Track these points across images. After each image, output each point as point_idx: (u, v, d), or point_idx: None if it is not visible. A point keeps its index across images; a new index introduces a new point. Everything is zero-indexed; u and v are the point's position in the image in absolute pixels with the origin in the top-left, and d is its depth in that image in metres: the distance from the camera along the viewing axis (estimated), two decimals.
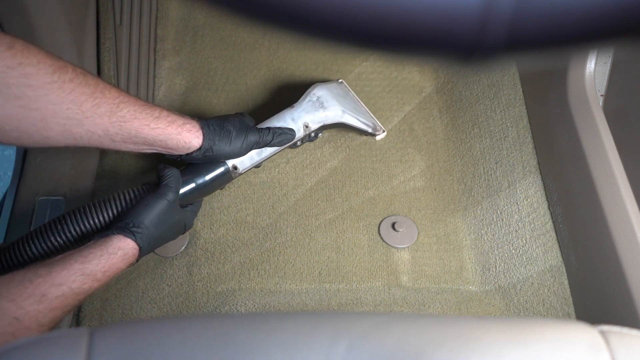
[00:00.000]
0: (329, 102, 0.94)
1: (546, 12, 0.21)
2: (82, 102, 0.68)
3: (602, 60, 0.91)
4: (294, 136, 0.90)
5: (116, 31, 1.04)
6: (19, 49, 0.62)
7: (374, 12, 0.22)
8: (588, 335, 0.42)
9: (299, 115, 0.91)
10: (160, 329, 0.41)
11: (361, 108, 0.99)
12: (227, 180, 0.87)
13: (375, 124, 0.98)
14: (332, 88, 0.97)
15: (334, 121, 0.94)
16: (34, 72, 0.63)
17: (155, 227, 0.76)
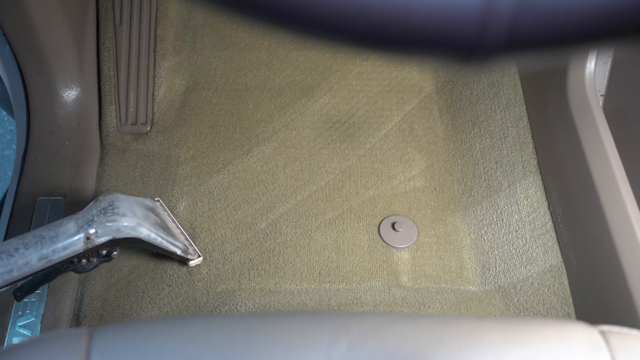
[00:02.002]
0: (126, 210, 0.75)
1: (546, 12, 0.21)
2: None
3: (602, 60, 0.91)
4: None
5: (116, 31, 1.04)
6: None
7: (374, 12, 0.22)
8: (588, 335, 0.42)
9: (80, 224, 0.71)
10: (160, 329, 0.41)
11: (174, 229, 0.86)
12: None
13: (189, 247, 0.86)
14: (139, 199, 0.82)
15: (129, 234, 0.74)
16: None
17: None
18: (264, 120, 1.02)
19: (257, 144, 1.00)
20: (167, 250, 0.82)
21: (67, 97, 1.00)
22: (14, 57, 0.95)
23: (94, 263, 0.75)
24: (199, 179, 0.96)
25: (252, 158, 0.99)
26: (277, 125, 1.02)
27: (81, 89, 1.00)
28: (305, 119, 1.03)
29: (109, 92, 1.02)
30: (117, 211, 0.73)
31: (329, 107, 1.05)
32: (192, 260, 0.86)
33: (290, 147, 1.00)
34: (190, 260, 0.86)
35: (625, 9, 0.21)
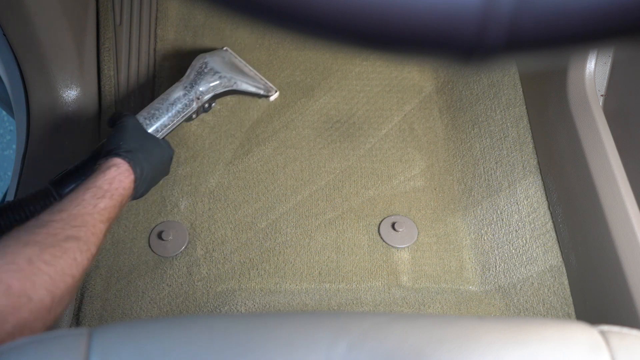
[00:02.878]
0: (217, 70, 0.93)
1: (546, 12, 0.21)
2: None
3: (602, 60, 0.91)
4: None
5: (116, 31, 1.04)
6: None
7: (374, 12, 0.22)
8: (588, 335, 0.42)
9: (189, 89, 0.90)
10: (160, 329, 0.41)
11: (250, 72, 0.98)
12: None
13: (266, 85, 0.98)
14: (219, 56, 0.96)
15: (225, 89, 0.93)
16: None
17: (135, 140, 0.76)
18: (264, 120, 1.02)
19: (257, 144, 1.00)
20: (252, 93, 0.97)
21: (67, 97, 1.00)
22: (14, 57, 0.95)
23: (200, 113, 0.93)
24: (199, 179, 0.96)
25: (252, 158, 0.99)
26: (277, 125, 1.02)
27: (81, 89, 1.00)
28: (305, 119, 1.03)
29: (109, 92, 1.02)
30: (212, 71, 0.92)
31: (329, 107, 1.04)
32: (272, 95, 0.98)
33: (290, 147, 1.00)
34: (271, 96, 0.98)
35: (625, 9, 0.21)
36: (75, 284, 0.56)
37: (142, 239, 0.91)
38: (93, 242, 0.60)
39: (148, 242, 0.90)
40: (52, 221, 0.59)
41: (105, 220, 0.65)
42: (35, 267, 0.51)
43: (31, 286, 0.49)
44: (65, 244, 0.56)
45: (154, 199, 0.94)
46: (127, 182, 0.72)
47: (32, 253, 0.52)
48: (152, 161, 0.78)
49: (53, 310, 0.51)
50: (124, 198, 0.71)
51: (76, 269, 0.55)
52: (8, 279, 0.48)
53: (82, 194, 0.65)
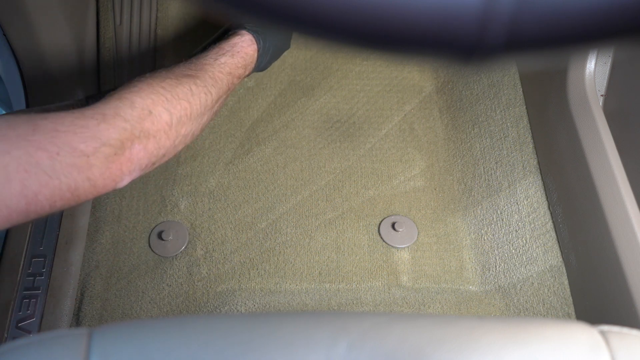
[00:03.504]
0: None
1: (546, 12, 0.21)
2: None
3: (602, 60, 0.91)
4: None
5: (116, 31, 1.04)
6: None
7: (374, 13, 0.22)
8: (588, 335, 0.42)
9: None
10: (160, 329, 0.41)
11: None
12: None
13: None
14: None
15: None
16: None
17: None
18: (264, 120, 1.02)
19: (257, 144, 1.00)
20: None
21: (67, 97, 1.00)
22: (14, 57, 0.95)
23: None
24: (199, 179, 0.96)
25: (252, 158, 0.99)
26: (277, 125, 1.02)
27: (81, 89, 1.00)
28: (306, 118, 1.03)
29: None
30: None
31: (329, 106, 1.04)
32: None
33: (291, 146, 1.00)
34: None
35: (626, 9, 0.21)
36: (194, 112, 0.64)
37: (142, 239, 0.91)
38: (211, 84, 0.68)
39: (148, 242, 0.90)
40: (174, 67, 0.68)
41: (225, 73, 0.72)
42: (154, 90, 0.61)
43: (151, 102, 0.59)
44: (182, 78, 0.65)
45: (154, 199, 0.94)
46: (250, 50, 0.78)
47: (152, 81, 0.63)
48: (275, 35, 0.83)
49: (174, 128, 0.61)
50: (247, 62, 0.77)
51: (192, 97, 0.64)
52: (132, 97, 0.59)
53: (205, 53, 0.73)
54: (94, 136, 0.52)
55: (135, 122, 0.56)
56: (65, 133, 0.50)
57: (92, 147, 0.51)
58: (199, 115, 0.65)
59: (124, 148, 0.54)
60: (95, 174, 0.52)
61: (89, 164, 0.51)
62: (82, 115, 0.53)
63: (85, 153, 0.51)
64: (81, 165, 0.51)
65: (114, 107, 0.56)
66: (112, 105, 0.56)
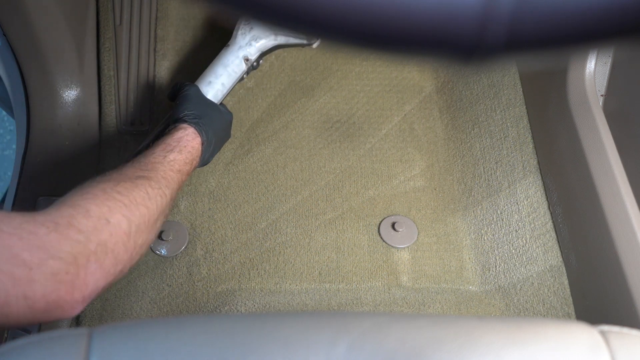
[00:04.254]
0: (259, 31, 0.95)
1: (546, 12, 0.21)
2: None
3: (602, 60, 0.91)
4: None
5: (116, 31, 1.04)
6: None
7: (374, 13, 0.22)
8: (588, 335, 0.42)
9: (238, 52, 0.93)
10: (160, 329, 0.41)
11: None
12: None
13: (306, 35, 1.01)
14: None
15: (270, 46, 0.96)
16: None
17: (198, 108, 0.80)
18: (263, 121, 1.02)
19: (257, 144, 1.00)
20: (297, 44, 1.00)
21: (67, 97, 1.00)
22: (14, 57, 0.95)
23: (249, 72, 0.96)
24: (199, 179, 0.96)
25: (252, 158, 0.99)
26: (277, 126, 1.02)
27: (81, 89, 1.00)
28: (305, 119, 1.03)
29: (109, 92, 1.02)
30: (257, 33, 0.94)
31: (329, 107, 1.04)
32: (314, 43, 1.00)
33: (290, 147, 1.00)
34: (314, 44, 1.00)
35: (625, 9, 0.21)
36: (151, 217, 0.59)
37: None
38: (165, 185, 0.64)
39: None
40: (123, 167, 0.64)
41: (175, 170, 0.69)
42: (110, 195, 0.55)
43: (107, 210, 0.53)
44: (137, 180, 0.61)
45: None
46: (195, 143, 0.76)
47: (106, 185, 0.57)
48: (215, 126, 0.83)
49: (132, 238, 0.55)
50: (193, 157, 0.75)
51: (149, 201, 0.59)
52: (86, 204, 0.52)
53: (151, 150, 0.71)
54: (42, 246, 0.44)
55: (91, 234, 0.49)
56: (8, 235, 0.43)
57: (38, 257, 0.43)
58: (155, 221, 0.60)
59: (77, 266, 0.46)
60: (37, 292, 0.43)
61: (29, 278, 0.42)
62: (32, 220, 0.46)
63: (28, 264, 0.43)
64: (19, 278, 0.42)
65: (67, 215, 0.49)
66: (65, 213, 0.49)
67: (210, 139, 0.80)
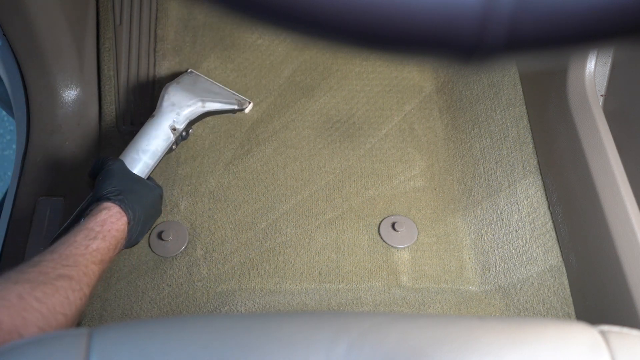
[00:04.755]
0: (185, 98, 0.92)
1: (546, 12, 0.21)
2: None
3: (602, 60, 0.91)
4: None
5: (116, 31, 1.04)
6: None
7: (374, 13, 0.22)
8: (588, 335, 0.42)
9: (163, 123, 0.89)
10: (160, 329, 0.41)
11: (219, 90, 0.98)
12: None
13: (238, 99, 0.98)
14: (184, 82, 0.96)
15: (198, 113, 0.93)
16: None
17: (123, 184, 0.75)
18: (264, 120, 1.02)
19: (257, 144, 1.00)
20: (226, 110, 0.97)
21: (67, 97, 1.00)
22: (14, 57, 0.95)
23: (178, 143, 0.92)
24: (199, 179, 0.96)
25: (252, 158, 0.99)
26: (277, 125, 1.02)
27: (81, 89, 1.00)
28: (305, 119, 1.03)
29: (109, 92, 1.02)
30: (183, 102, 0.91)
31: (329, 107, 1.04)
32: (246, 107, 0.99)
33: (290, 147, 1.00)
34: (245, 109, 0.99)
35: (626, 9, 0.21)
36: (68, 323, 0.55)
37: (142, 239, 0.91)
38: (85, 283, 0.60)
39: (148, 242, 0.90)
40: (43, 261, 0.58)
41: (97, 261, 0.64)
42: (27, 304, 0.50)
43: (22, 323, 0.48)
44: (57, 282, 0.55)
45: None
46: (120, 225, 0.71)
47: (23, 290, 0.51)
48: (143, 203, 0.78)
49: None
50: (118, 241, 0.70)
51: (68, 307, 0.55)
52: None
53: (73, 236, 0.65)
54: None
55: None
56: None
57: None
58: (72, 324, 0.56)
59: None
60: None
61: None
62: None
63: None
64: None
65: None
66: None
67: (139, 216, 0.75)
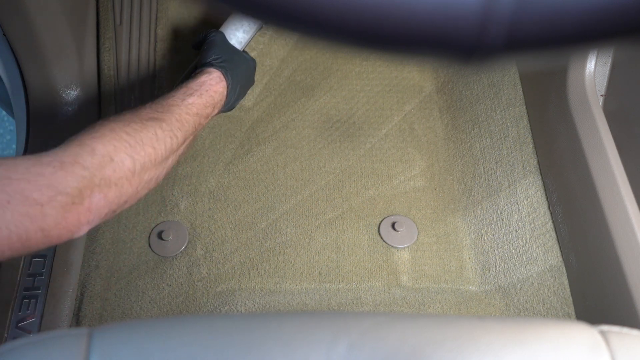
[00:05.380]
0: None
1: (546, 12, 0.21)
2: None
3: (602, 60, 0.91)
4: None
5: (116, 31, 1.04)
6: None
7: (374, 13, 0.22)
8: (588, 335, 0.42)
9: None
10: (160, 329, 0.41)
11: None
12: None
13: None
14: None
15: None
16: None
17: (225, 53, 0.82)
18: (264, 120, 1.02)
19: (257, 144, 1.00)
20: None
21: (67, 97, 1.00)
22: (14, 57, 0.95)
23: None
24: (199, 179, 0.96)
25: (252, 158, 0.99)
26: (277, 125, 1.02)
27: (81, 89, 1.00)
28: (306, 118, 1.03)
29: (109, 92, 1.02)
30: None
31: (329, 106, 1.04)
32: None
33: (291, 146, 1.00)
34: None
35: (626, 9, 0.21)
36: (158, 157, 0.62)
37: (142, 239, 0.91)
38: (177, 127, 0.67)
39: (148, 242, 0.90)
40: (141, 108, 0.67)
41: (192, 113, 0.71)
42: (117, 135, 0.59)
43: (113, 149, 0.57)
44: (148, 122, 0.63)
45: (154, 199, 0.94)
46: (219, 87, 0.78)
47: (116, 125, 0.60)
48: (240, 72, 0.84)
49: (137, 175, 0.59)
50: (215, 101, 0.77)
51: (157, 142, 0.62)
52: (93, 143, 0.56)
53: (172, 93, 0.73)
54: (50, 184, 0.49)
55: (96, 170, 0.54)
56: (17, 181, 0.48)
57: (47, 195, 0.49)
58: (163, 159, 0.64)
59: (82, 197, 0.52)
60: (50, 223, 0.49)
61: (42, 213, 0.48)
62: (38, 162, 0.51)
63: (39, 202, 0.48)
64: (34, 215, 0.48)
65: (74, 154, 0.54)
66: (72, 152, 0.54)
67: (235, 83, 0.82)
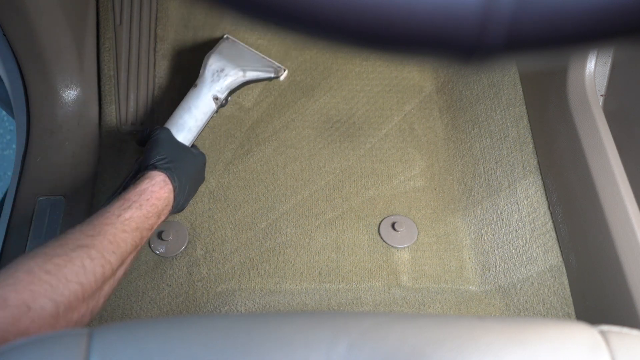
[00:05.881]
0: (227, 67, 0.95)
1: (546, 12, 0.21)
2: None
3: (602, 60, 0.91)
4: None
5: (116, 31, 1.04)
6: None
7: (374, 13, 0.22)
8: (588, 335, 0.42)
9: (206, 93, 0.92)
10: (160, 329, 0.41)
11: (256, 57, 1.00)
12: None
13: (274, 66, 1.00)
14: (224, 51, 0.98)
15: (239, 83, 0.96)
16: None
17: (170, 152, 0.78)
18: (264, 120, 1.02)
19: (257, 144, 1.00)
20: (265, 78, 0.99)
21: (67, 97, 1.00)
22: (14, 57, 0.95)
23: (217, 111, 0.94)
24: None
25: (252, 158, 0.99)
26: (277, 126, 1.02)
27: (81, 89, 1.00)
28: (305, 118, 1.03)
29: (109, 92, 1.02)
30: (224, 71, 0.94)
31: (329, 107, 1.04)
32: (282, 75, 1.01)
33: (291, 147, 1.00)
34: (281, 76, 1.01)
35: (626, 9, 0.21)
36: (86, 291, 0.56)
37: None
38: (111, 251, 0.61)
39: (148, 242, 0.90)
40: (69, 233, 0.60)
41: (130, 229, 0.65)
42: (35, 277, 0.52)
43: (30, 296, 0.50)
44: (73, 252, 0.57)
45: None
46: (163, 193, 0.73)
47: (35, 264, 0.53)
48: (189, 170, 0.80)
49: (62, 317, 0.52)
50: (159, 209, 0.71)
51: (84, 276, 0.56)
52: (5, 293, 0.49)
53: (108, 207, 0.67)
54: None
55: (9, 325, 0.47)
56: None
57: None
58: (94, 291, 0.57)
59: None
60: None
61: None
62: None
63: None
64: None
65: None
66: None
67: (184, 184, 0.78)
